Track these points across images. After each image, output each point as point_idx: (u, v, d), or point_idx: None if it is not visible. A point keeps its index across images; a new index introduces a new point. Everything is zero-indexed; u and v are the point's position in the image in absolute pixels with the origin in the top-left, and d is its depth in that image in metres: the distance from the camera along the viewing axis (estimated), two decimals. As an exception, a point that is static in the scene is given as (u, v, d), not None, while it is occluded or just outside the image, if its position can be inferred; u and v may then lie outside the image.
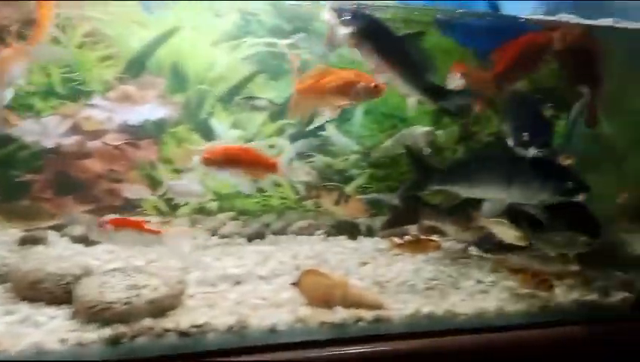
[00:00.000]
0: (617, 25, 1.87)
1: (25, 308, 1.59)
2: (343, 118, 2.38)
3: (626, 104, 2.17)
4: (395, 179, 2.49)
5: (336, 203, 2.29)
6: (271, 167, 2.01)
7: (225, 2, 2.13)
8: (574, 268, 2.10)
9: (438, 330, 1.74)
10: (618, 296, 2.05)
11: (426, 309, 1.79)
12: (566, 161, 2.20)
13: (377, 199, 2.46)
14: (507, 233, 1.87)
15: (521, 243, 1.86)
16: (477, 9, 2.24)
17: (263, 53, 2.26)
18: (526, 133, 1.87)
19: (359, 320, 1.70)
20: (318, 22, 2.24)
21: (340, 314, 1.68)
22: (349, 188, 2.48)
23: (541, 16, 1.99)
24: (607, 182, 2.19)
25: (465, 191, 1.97)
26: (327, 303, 1.71)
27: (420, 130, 2.24)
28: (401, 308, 1.80)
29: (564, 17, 1.91)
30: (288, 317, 1.64)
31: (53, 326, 1.51)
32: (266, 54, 2.26)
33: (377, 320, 1.72)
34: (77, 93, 2.10)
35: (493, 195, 1.93)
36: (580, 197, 1.80)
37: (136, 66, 2.15)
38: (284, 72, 2.28)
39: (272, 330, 1.60)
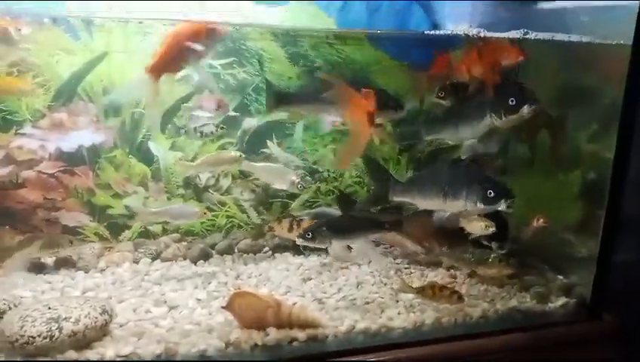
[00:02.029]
0: (527, 36, 1.91)
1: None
2: (284, 134, 2.40)
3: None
4: (340, 193, 2.50)
5: (290, 230, 2.30)
6: None
7: (154, 23, 2.13)
8: (510, 273, 2.13)
9: (372, 346, 1.76)
10: (558, 302, 2.08)
11: (361, 325, 1.80)
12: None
13: (323, 212, 2.47)
14: (476, 226, 1.91)
15: (489, 232, 1.90)
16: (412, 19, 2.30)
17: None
18: (512, 98, 1.87)
19: (293, 340, 1.70)
20: (250, 42, 2.27)
21: (273, 335, 1.69)
22: (294, 204, 2.49)
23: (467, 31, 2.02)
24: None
25: (420, 203, 1.99)
26: (259, 325, 1.71)
27: (290, 177, 2.15)
28: (337, 324, 1.80)
29: (474, 31, 1.94)
30: (219, 342, 1.64)
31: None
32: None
33: (312, 339, 1.72)
34: (6, 123, 2.08)
35: (438, 206, 1.97)
36: (503, 206, 1.81)
37: (67, 93, 2.11)
38: (219, 91, 2.27)
39: (202, 356, 1.60)
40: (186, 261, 2.29)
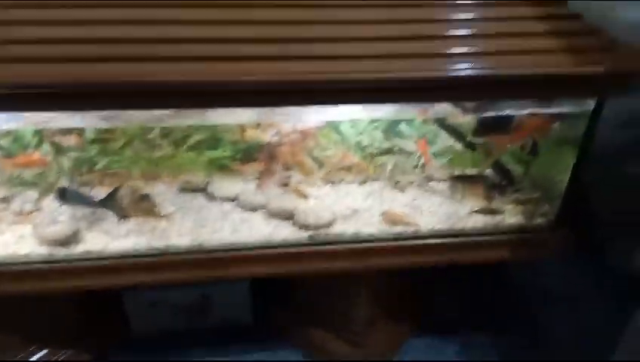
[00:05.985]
0: None
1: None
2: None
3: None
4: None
5: None
6: None
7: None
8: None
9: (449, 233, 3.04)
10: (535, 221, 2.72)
11: (439, 226, 2.97)
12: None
13: None
14: None
15: None
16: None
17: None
18: None
19: (411, 231, 3.35)
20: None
21: (399, 229, 3.50)
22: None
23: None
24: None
25: None
26: (393, 224, 3.65)
27: None
28: (426, 225, 3.62)
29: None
30: (374, 229, 3.46)
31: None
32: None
33: (415, 231, 3.52)
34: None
35: None
36: None
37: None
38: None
39: (369, 235, 3.47)
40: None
